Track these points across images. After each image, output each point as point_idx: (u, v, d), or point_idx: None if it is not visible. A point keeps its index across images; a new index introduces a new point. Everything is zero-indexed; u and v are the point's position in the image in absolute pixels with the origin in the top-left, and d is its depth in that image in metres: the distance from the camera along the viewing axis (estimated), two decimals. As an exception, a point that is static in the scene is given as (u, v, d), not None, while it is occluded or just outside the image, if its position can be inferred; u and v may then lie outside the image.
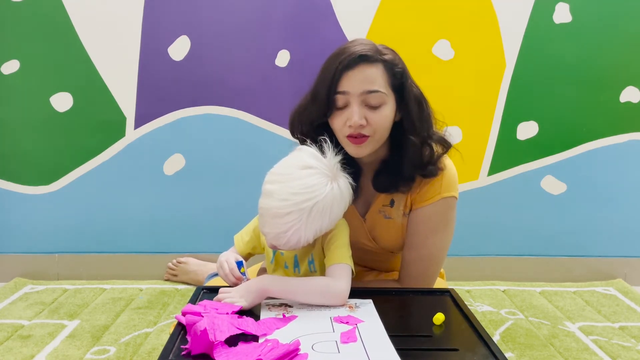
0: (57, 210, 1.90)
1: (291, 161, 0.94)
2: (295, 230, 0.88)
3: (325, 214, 0.89)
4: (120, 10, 1.78)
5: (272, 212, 0.89)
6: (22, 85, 1.83)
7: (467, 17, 1.80)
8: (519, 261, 1.94)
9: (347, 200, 0.95)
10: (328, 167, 0.92)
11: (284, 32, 1.81)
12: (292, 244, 0.91)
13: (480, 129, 1.88)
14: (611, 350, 1.41)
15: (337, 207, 0.92)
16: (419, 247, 1.10)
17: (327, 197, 0.89)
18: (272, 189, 0.90)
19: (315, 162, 0.91)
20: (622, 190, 1.91)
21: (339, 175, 0.93)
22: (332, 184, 0.90)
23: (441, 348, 0.78)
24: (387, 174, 1.07)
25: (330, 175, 0.91)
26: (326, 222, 0.91)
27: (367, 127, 1.00)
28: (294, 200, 0.87)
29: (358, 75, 0.98)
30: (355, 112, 0.98)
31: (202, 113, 1.85)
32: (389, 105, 1.01)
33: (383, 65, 1.00)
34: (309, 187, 0.88)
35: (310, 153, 0.94)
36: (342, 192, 0.92)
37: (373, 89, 0.98)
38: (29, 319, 1.56)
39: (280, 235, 0.90)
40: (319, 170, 0.90)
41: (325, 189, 0.89)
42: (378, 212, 1.12)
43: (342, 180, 0.93)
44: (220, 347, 0.72)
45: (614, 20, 1.80)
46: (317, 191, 0.88)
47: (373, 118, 0.99)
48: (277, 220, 0.89)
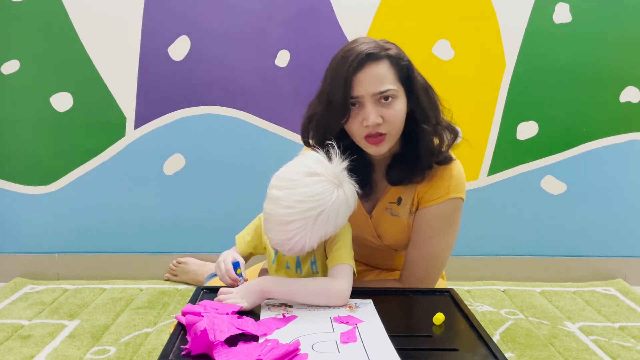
0: (57, 210, 1.90)
1: (297, 167, 0.92)
2: (300, 238, 0.88)
3: (330, 221, 0.89)
4: (120, 10, 1.78)
5: (277, 219, 0.88)
6: (22, 85, 1.82)
7: (467, 17, 1.80)
8: (519, 261, 1.94)
9: (353, 206, 0.94)
10: (334, 173, 0.90)
11: (284, 32, 1.81)
12: (296, 250, 0.90)
13: (480, 129, 1.88)
14: (611, 350, 1.41)
15: (342, 214, 0.91)
16: (423, 246, 1.10)
17: (333, 205, 0.88)
18: (277, 195, 0.89)
19: (321, 168, 0.90)
20: (622, 190, 1.91)
21: (344, 181, 0.92)
22: (338, 191, 0.89)
23: (441, 348, 0.78)
24: (401, 166, 1.08)
25: (336, 182, 0.90)
26: (331, 228, 0.90)
27: (383, 124, 1.00)
28: (299, 208, 0.86)
29: (367, 75, 0.99)
30: (371, 112, 0.99)
31: (202, 113, 1.85)
32: (400, 100, 1.02)
33: (389, 60, 1.00)
34: (314, 195, 0.87)
35: (316, 159, 0.92)
36: (348, 199, 0.91)
37: (384, 89, 0.99)
38: (29, 319, 1.56)
39: (285, 242, 0.89)
40: (325, 178, 0.89)
41: (332, 197, 0.88)
42: (384, 209, 1.12)
43: (347, 186, 0.92)
44: (220, 347, 0.72)
45: (614, 20, 1.80)
46: (323, 199, 0.87)
47: (388, 114, 1.00)
48: (282, 228, 0.88)
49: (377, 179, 1.12)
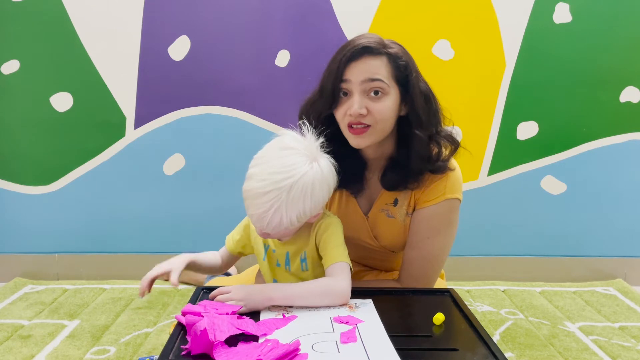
0: (57, 210, 1.90)
1: (272, 144, 0.95)
2: (275, 210, 0.88)
3: (306, 195, 0.89)
4: (120, 10, 1.78)
5: (252, 193, 0.90)
6: (22, 85, 1.83)
7: (467, 17, 1.80)
8: (519, 261, 1.94)
9: (330, 182, 0.95)
10: (307, 147, 0.93)
11: (284, 32, 1.81)
12: (274, 224, 0.90)
13: (480, 129, 1.88)
14: (611, 350, 1.41)
15: (319, 188, 0.91)
16: (420, 247, 1.10)
17: (307, 176, 0.89)
18: (252, 172, 0.92)
19: (295, 143, 0.93)
20: (622, 190, 1.91)
21: (319, 156, 0.94)
22: (312, 164, 0.91)
23: (441, 348, 0.78)
24: (396, 172, 1.08)
25: (310, 156, 0.92)
26: (308, 204, 0.91)
27: (368, 116, 1.00)
28: (272, 179, 0.88)
29: (361, 65, 0.99)
30: (356, 101, 0.99)
31: (202, 113, 1.85)
32: (391, 97, 1.01)
33: (387, 57, 1.01)
34: (287, 165, 0.89)
35: (290, 136, 0.95)
36: (324, 172, 0.92)
37: (374, 77, 0.99)
38: (29, 319, 1.56)
39: (263, 215, 0.90)
40: (298, 151, 0.91)
41: (304, 168, 0.89)
42: (381, 211, 1.12)
43: (323, 161, 0.94)
44: (220, 347, 0.72)
45: (614, 20, 1.80)
46: (295, 170, 0.89)
47: (374, 108, 1.00)
48: (258, 200, 0.89)
49: (373, 180, 1.12)
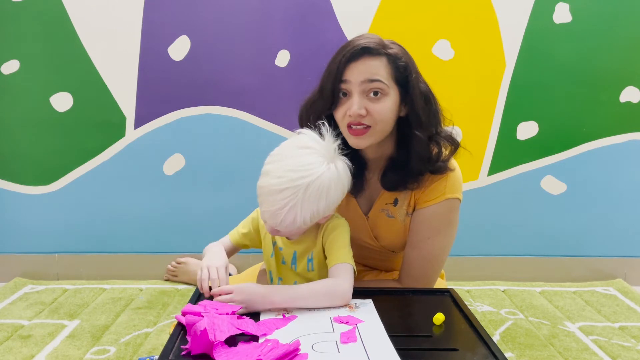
0: (57, 210, 1.90)
1: (290, 142, 0.95)
2: (290, 208, 0.88)
3: (322, 195, 0.90)
4: (120, 10, 1.78)
5: (268, 189, 0.90)
6: (22, 85, 1.82)
7: (467, 17, 1.80)
8: (519, 261, 1.94)
9: (345, 184, 0.95)
10: (326, 148, 0.93)
11: (284, 32, 1.81)
12: (287, 222, 0.90)
13: (480, 129, 1.88)
14: (611, 350, 1.41)
15: (334, 189, 0.92)
16: (421, 247, 1.10)
17: (324, 176, 0.89)
18: (269, 168, 0.91)
19: (313, 143, 0.93)
20: (622, 190, 1.91)
21: (336, 157, 0.94)
22: (329, 165, 0.91)
23: (441, 348, 0.78)
24: (396, 172, 1.08)
25: (328, 156, 0.92)
26: (322, 205, 0.91)
27: (367, 117, 1.00)
28: (289, 177, 0.88)
29: (360, 66, 1.00)
30: (355, 102, 1.00)
31: (202, 113, 1.85)
32: (390, 97, 1.02)
33: (387, 58, 1.01)
34: (304, 164, 0.89)
35: (309, 135, 0.95)
36: (340, 174, 0.93)
37: (373, 78, 0.99)
38: (29, 319, 1.56)
39: (276, 212, 0.89)
40: (316, 151, 0.92)
41: (321, 168, 0.90)
42: (381, 211, 1.12)
43: (339, 162, 0.94)
44: (220, 347, 0.72)
45: (614, 21, 1.80)
46: (313, 169, 0.89)
47: (374, 108, 1.00)
48: (273, 197, 0.89)
49: (373, 180, 1.12)
